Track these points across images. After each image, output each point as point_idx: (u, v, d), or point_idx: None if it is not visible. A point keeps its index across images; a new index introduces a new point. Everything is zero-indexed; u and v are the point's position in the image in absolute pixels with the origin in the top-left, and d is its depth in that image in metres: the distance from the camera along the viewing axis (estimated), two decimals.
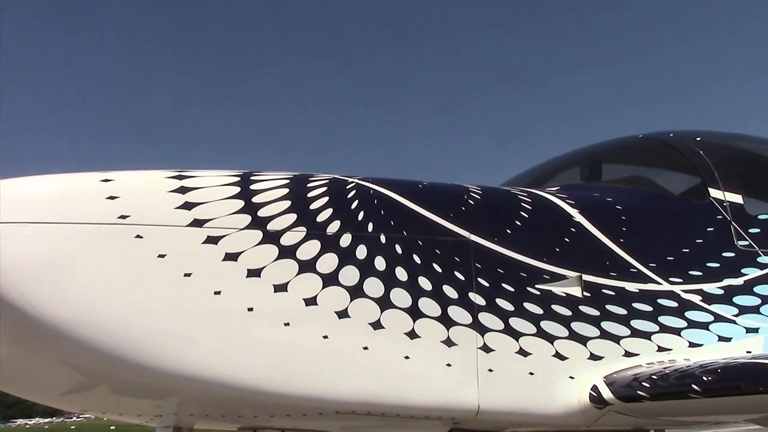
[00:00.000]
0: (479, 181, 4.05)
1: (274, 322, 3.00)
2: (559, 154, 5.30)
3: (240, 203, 3.14)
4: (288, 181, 3.31)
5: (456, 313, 3.23)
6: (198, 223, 3.04)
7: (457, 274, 3.31)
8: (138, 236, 2.93)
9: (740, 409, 3.37)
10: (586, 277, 3.53)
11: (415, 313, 3.17)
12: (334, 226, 3.21)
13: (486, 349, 3.24)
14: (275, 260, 3.06)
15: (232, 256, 3.02)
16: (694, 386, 3.15)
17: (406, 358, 3.12)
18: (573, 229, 3.71)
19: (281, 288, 3.03)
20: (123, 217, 2.95)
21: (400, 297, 3.17)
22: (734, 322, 3.81)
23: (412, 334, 3.14)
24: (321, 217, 3.22)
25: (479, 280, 3.33)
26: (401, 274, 3.21)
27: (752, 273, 3.99)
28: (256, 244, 3.07)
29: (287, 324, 3.00)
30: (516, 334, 3.31)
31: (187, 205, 3.06)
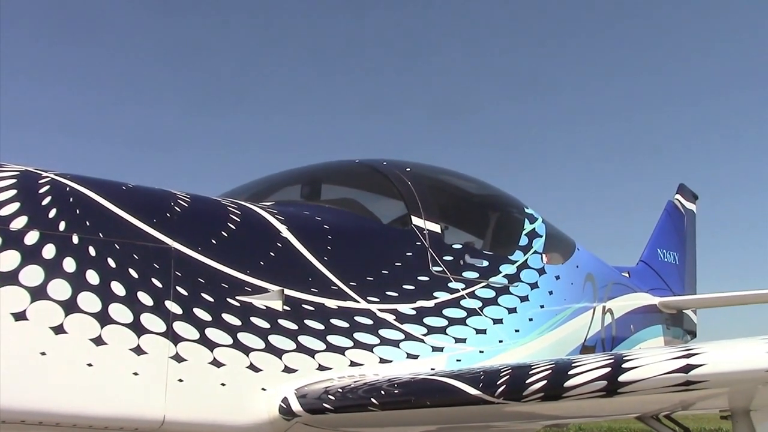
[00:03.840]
0: None
1: None
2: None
3: None
4: None
5: (149, 320, 3.15)
6: None
7: (154, 281, 3.22)
8: None
9: (415, 421, 3.65)
10: (287, 292, 3.62)
11: (103, 318, 3.03)
12: (19, 222, 2.98)
13: (178, 358, 3.18)
14: None
15: None
16: (373, 400, 3.35)
17: (89, 365, 2.98)
18: (279, 244, 3.79)
19: None
20: None
21: (89, 301, 3.02)
22: (422, 340, 4.14)
23: (98, 341, 3.00)
24: (5, 211, 2.98)
25: (178, 288, 3.27)
26: (92, 277, 3.06)
27: (443, 296, 4.37)
28: None
29: None
30: (211, 345, 3.29)
31: None
